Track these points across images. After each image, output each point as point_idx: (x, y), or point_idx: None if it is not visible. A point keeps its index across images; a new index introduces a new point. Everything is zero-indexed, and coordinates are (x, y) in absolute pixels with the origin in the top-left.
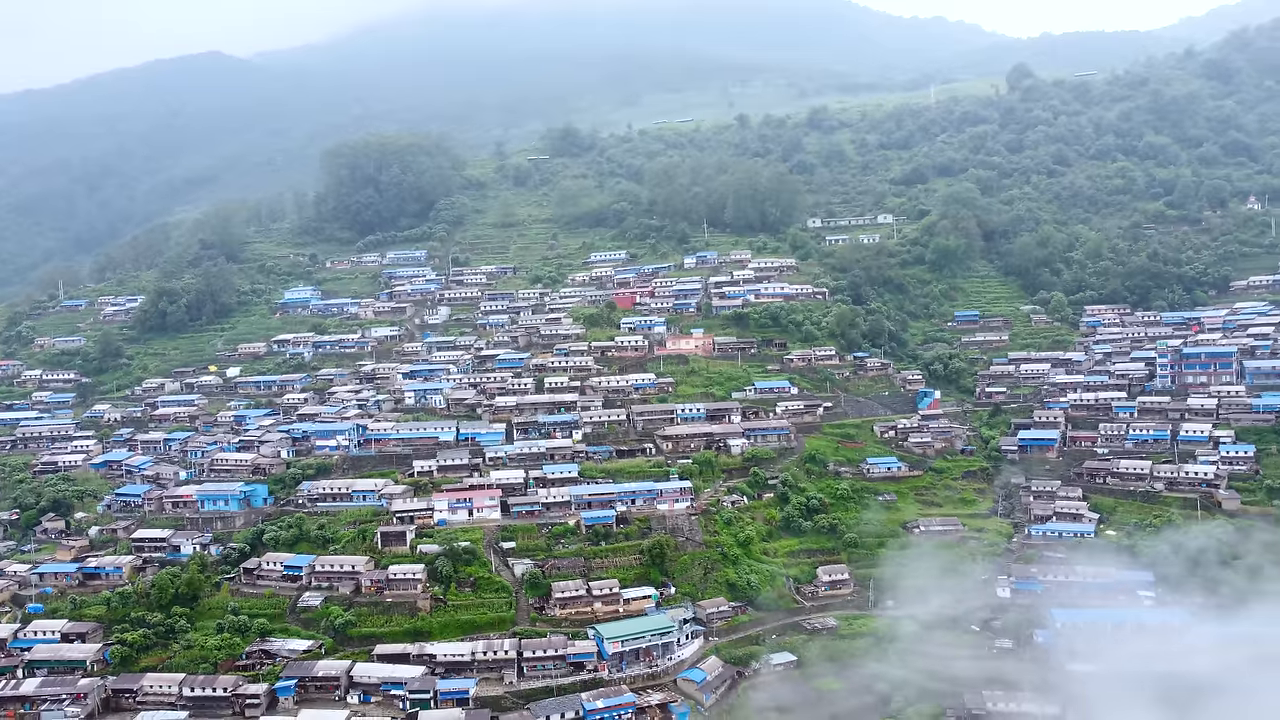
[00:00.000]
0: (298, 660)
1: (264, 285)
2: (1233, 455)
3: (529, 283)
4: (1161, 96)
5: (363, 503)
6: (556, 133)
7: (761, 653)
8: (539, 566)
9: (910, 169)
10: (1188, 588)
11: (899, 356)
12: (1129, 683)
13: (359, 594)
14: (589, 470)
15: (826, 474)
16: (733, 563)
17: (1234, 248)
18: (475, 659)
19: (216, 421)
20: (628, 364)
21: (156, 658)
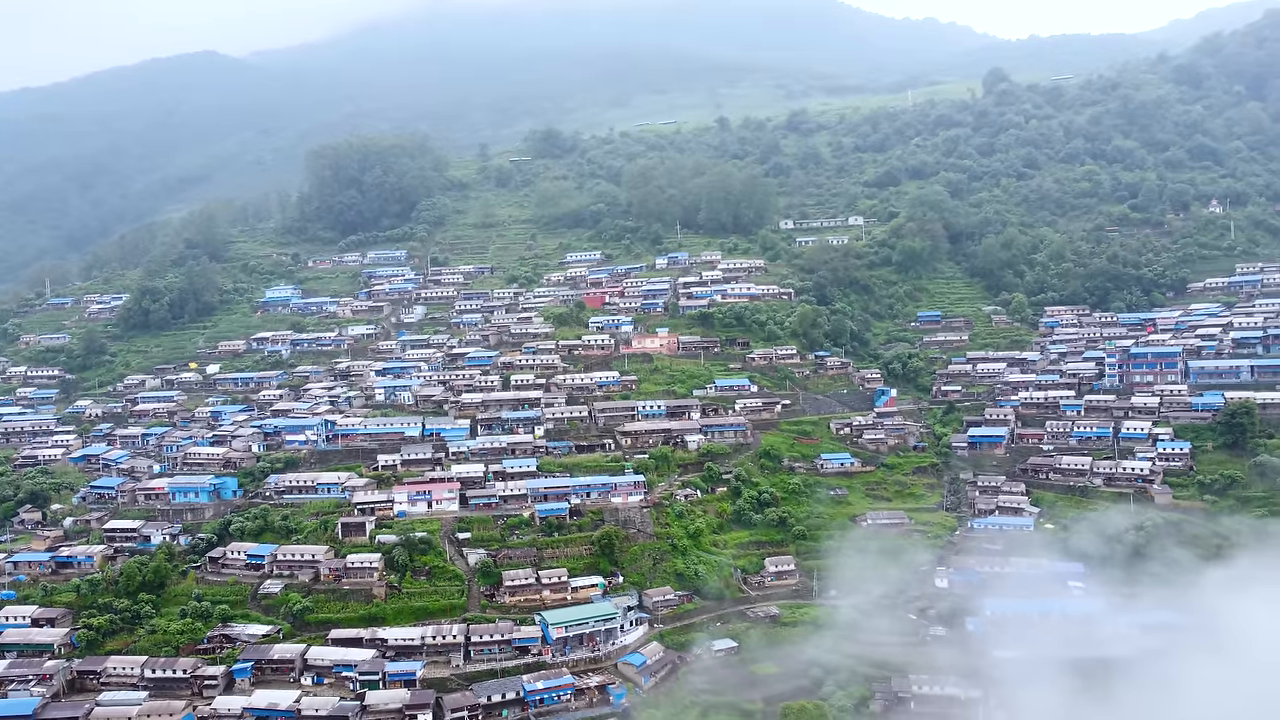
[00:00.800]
0: (256, 644)
1: (246, 284)
2: (1169, 452)
3: (505, 282)
4: (1131, 101)
5: (327, 495)
6: (539, 134)
7: (703, 639)
8: (492, 556)
9: (883, 171)
10: (1116, 578)
11: (860, 356)
12: (1047, 667)
13: (318, 582)
14: (547, 465)
15: (781, 469)
16: (681, 554)
17: (1193, 250)
18: (425, 643)
19: (194, 417)
20: (594, 362)
21: (122, 642)
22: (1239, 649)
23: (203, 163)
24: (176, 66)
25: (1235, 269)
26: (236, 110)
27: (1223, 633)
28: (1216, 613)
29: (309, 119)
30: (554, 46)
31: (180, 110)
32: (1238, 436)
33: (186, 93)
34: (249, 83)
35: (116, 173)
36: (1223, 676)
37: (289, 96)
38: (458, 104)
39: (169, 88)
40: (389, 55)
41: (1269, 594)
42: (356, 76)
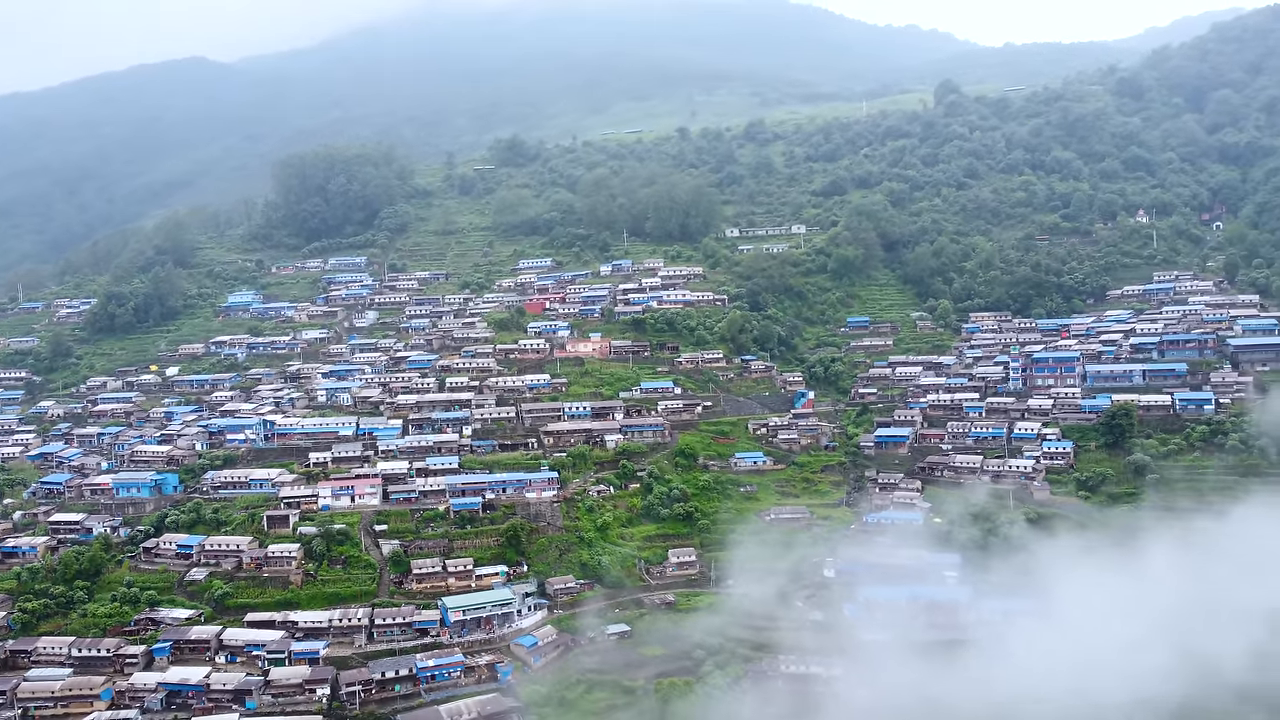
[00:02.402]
0: (177, 626)
1: (211, 289)
2: (1053, 451)
3: (459, 288)
4: (1070, 113)
5: (259, 490)
6: (503, 143)
7: (598, 623)
8: (404, 547)
9: (830, 181)
10: (987, 567)
11: (788, 360)
12: (907, 647)
13: (240, 570)
14: (470, 462)
15: (695, 467)
16: (588, 545)
17: (1116, 259)
18: (331, 625)
19: (149, 417)
20: (528, 366)
21: (55, 625)
22: (1070, 622)
23: (187, 168)
24: (165, 72)
25: (1153, 277)
26: (223, 116)
27: (1060, 609)
28: (1061, 593)
29: (294, 124)
30: (539, 53)
31: (167, 116)
32: (1118, 436)
33: (174, 98)
34: (236, 88)
35: (102, 178)
36: (1050, 646)
37: (276, 102)
38: (442, 110)
39: (157, 93)
40: (377, 61)
41: (1104, 575)
42: (344, 82)
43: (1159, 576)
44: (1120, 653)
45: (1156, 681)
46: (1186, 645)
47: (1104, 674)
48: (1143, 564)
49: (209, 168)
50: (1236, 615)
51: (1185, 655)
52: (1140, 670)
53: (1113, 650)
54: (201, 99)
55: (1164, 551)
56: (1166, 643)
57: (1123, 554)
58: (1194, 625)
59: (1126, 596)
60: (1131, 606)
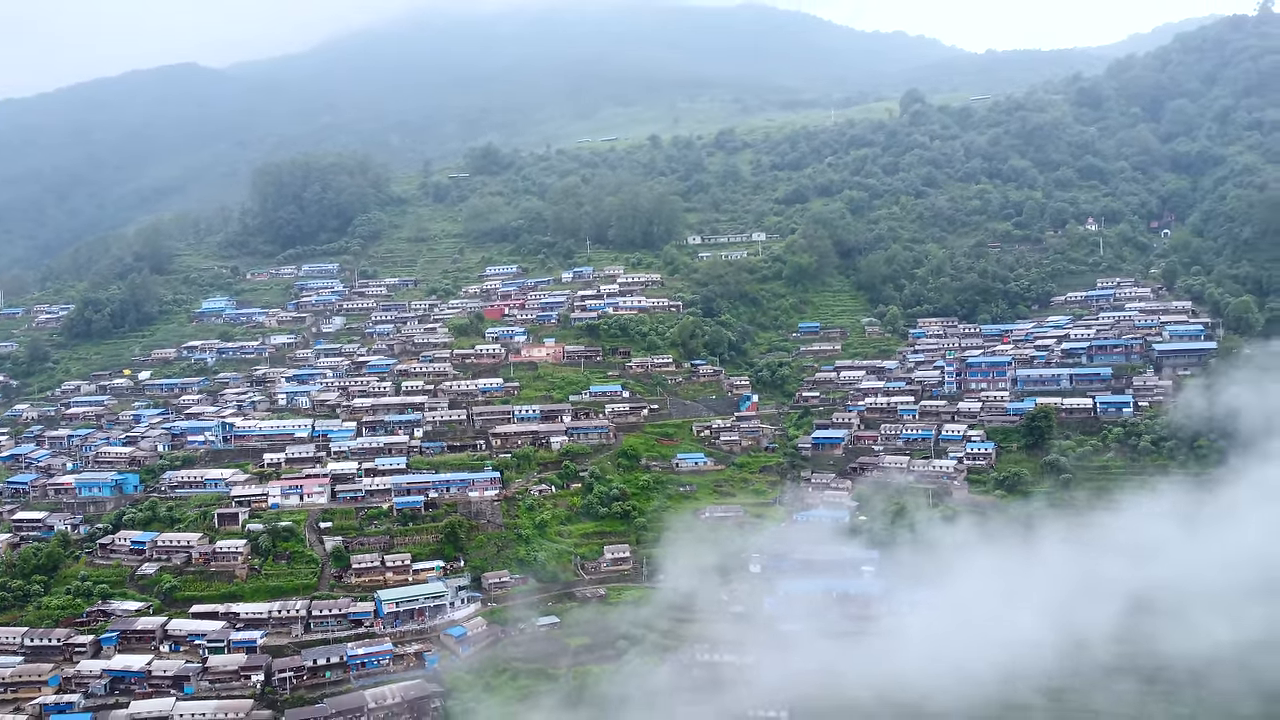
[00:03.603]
0: (125, 617)
1: (186, 295)
2: (976, 452)
3: (425, 294)
4: (1029, 122)
5: (213, 489)
6: (478, 151)
7: (529, 615)
8: (346, 543)
9: (793, 189)
10: (902, 562)
11: (738, 364)
12: (818, 635)
13: (189, 565)
14: (418, 463)
15: (637, 467)
16: (525, 542)
17: (1062, 265)
18: (271, 616)
19: (118, 420)
20: (483, 370)
21: (11, 616)
22: (965, 608)
23: (177, 174)
24: (158, 78)
25: (1096, 283)
26: (214, 121)
27: (959, 597)
28: (962, 583)
29: (285, 130)
30: (528, 58)
31: (158, 122)
32: (1038, 438)
33: (165, 104)
34: (228, 94)
35: (94, 184)
36: (943, 631)
37: (267, 107)
38: (431, 116)
39: (149, 99)
40: (369, 67)
41: (1001, 566)
42: (336, 88)
43: (1048, 565)
44: (1001, 632)
45: (1031, 656)
46: (1062, 624)
47: (985, 652)
48: (1036, 555)
49: (199, 174)
50: (1109, 597)
51: (1060, 633)
52: (1017, 647)
53: (996, 630)
54: (193, 105)
55: (1056, 543)
56: (1044, 622)
57: (1020, 546)
58: (1071, 606)
59: (1017, 584)
60: (1020, 592)
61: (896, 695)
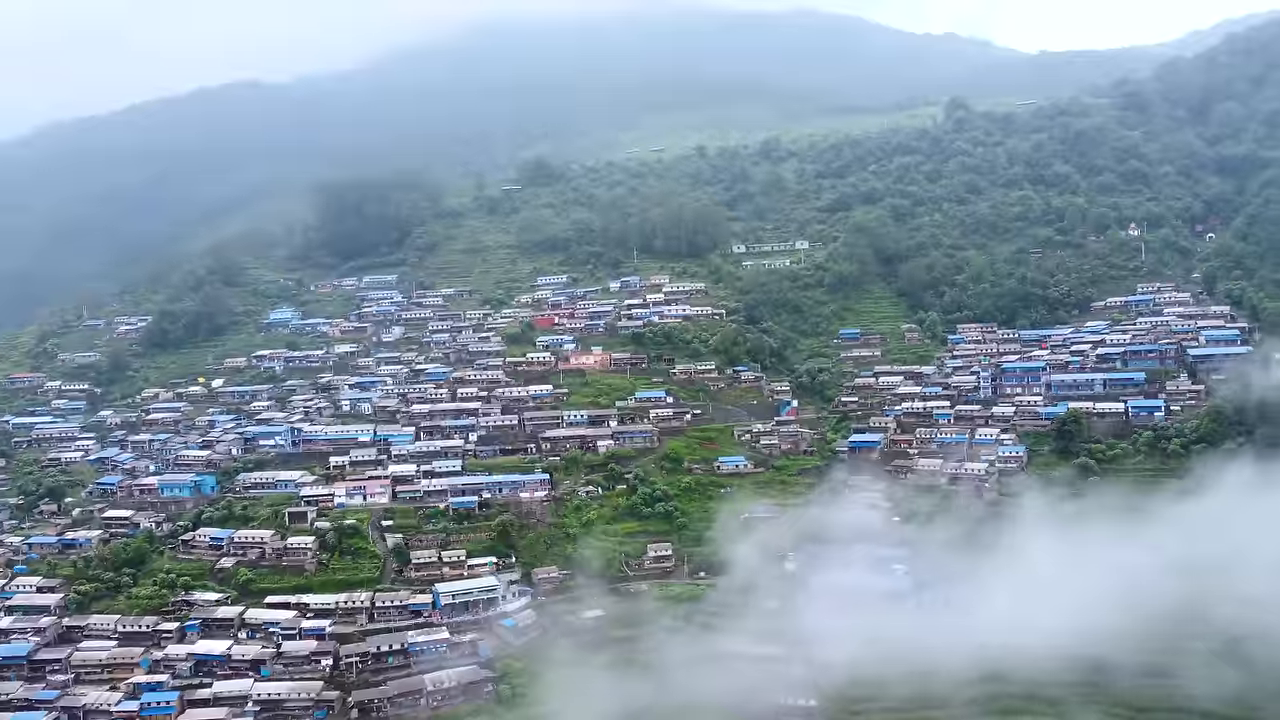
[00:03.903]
0: (206, 606)
1: (255, 307)
2: (1008, 455)
3: (480, 304)
4: (1071, 128)
5: (283, 490)
6: (530, 164)
7: (576, 609)
8: (406, 540)
9: (836, 197)
10: (932, 560)
11: (778, 370)
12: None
13: (263, 559)
14: (472, 466)
15: (680, 470)
16: (573, 540)
17: (1103, 271)
18: (338, 607)
19: (194, 425)
20: (533, 377)
21: (105, 605)
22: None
23: (239, 190)
24: (222, 95)
25: (1136, 289)
26: (275, 137)
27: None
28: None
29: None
30: (576, 69)
31: (221, 138)
32: (1068, 441)
33: (230, 120)
34: (288, 110)
35: (160, 200)
36: (962, 624)
37: (326, 123)
38: (481, 127)
39: (214, 115)
40: (422, 81)
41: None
42: (389, 101)
43: (1086, 557)
44: (1016, 625)
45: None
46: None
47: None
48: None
49: (260, 189)
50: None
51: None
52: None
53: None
54: (255, 121)
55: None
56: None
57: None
58: (1121, 592)
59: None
60: (1061, 581)
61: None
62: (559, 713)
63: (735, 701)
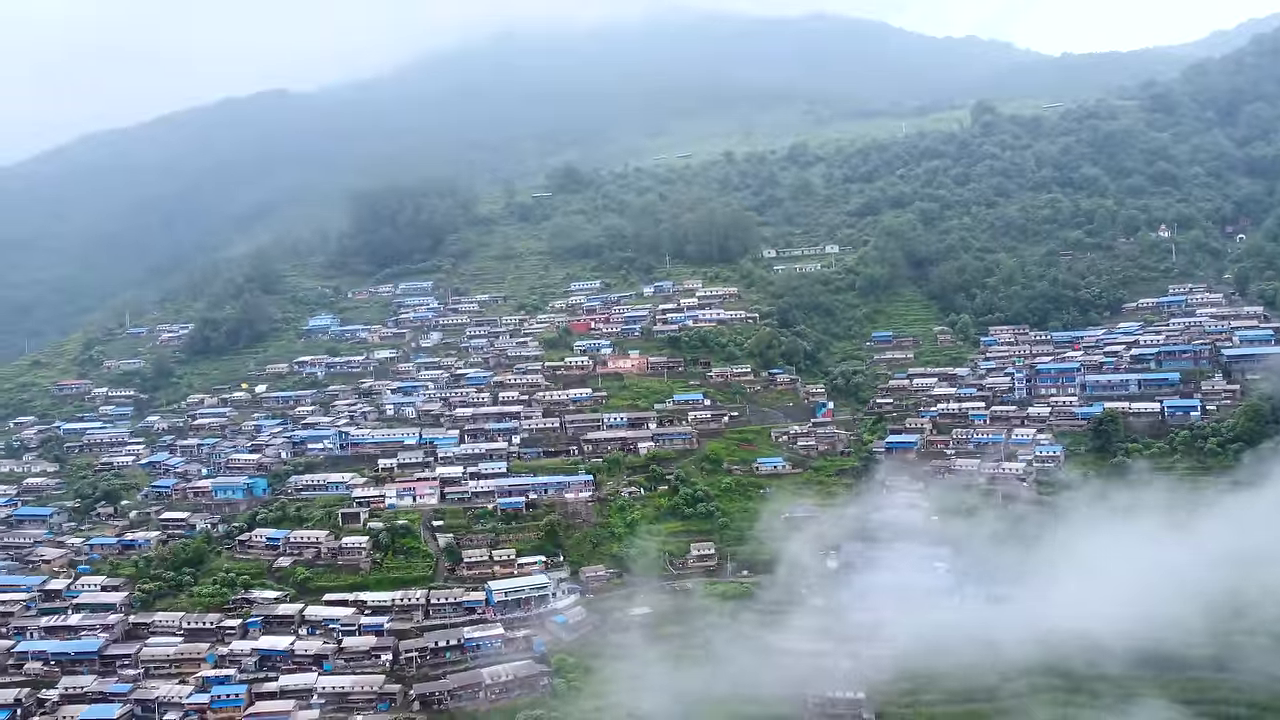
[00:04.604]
0: (267, 604)
1: (293, 314)
2: (1045, 455)
3: (514, 310)
4: (1100, 130)
5: (335, 491)
6: (560, 171)
7: (624, 606)
8: (457, 539)
9: (865, 202)
10: (971, 558)
11: (812, 373)
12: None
13: (319, 558)
14: (517, 467)
15: (720, 471)
16: (618, 539)
17: (1134, 272)
18: (394, 604)
19: (240, 430)
20: (572, 381)
21: (167, 603)
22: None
23: (269, 198)
24: (250, 105)
25: (1168, 290)
26: (303, 145)
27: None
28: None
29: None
30: (599, 75)
31: (250, 147)
32: (1105, 441)
33: (258, 129)
34: (315, 118)
35: (192, 209)
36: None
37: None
38: (508, 133)
39: (243, 125)
40: (447, 88)
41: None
42: (415, 109)
43: (1108, 557)
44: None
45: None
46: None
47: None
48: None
49: (290, 196)
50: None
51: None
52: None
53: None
54: (282, 130)
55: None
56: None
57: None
58: (1163, 582)
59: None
60: (1079, 583)
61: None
62: (615, 705)
63: (785, 694)
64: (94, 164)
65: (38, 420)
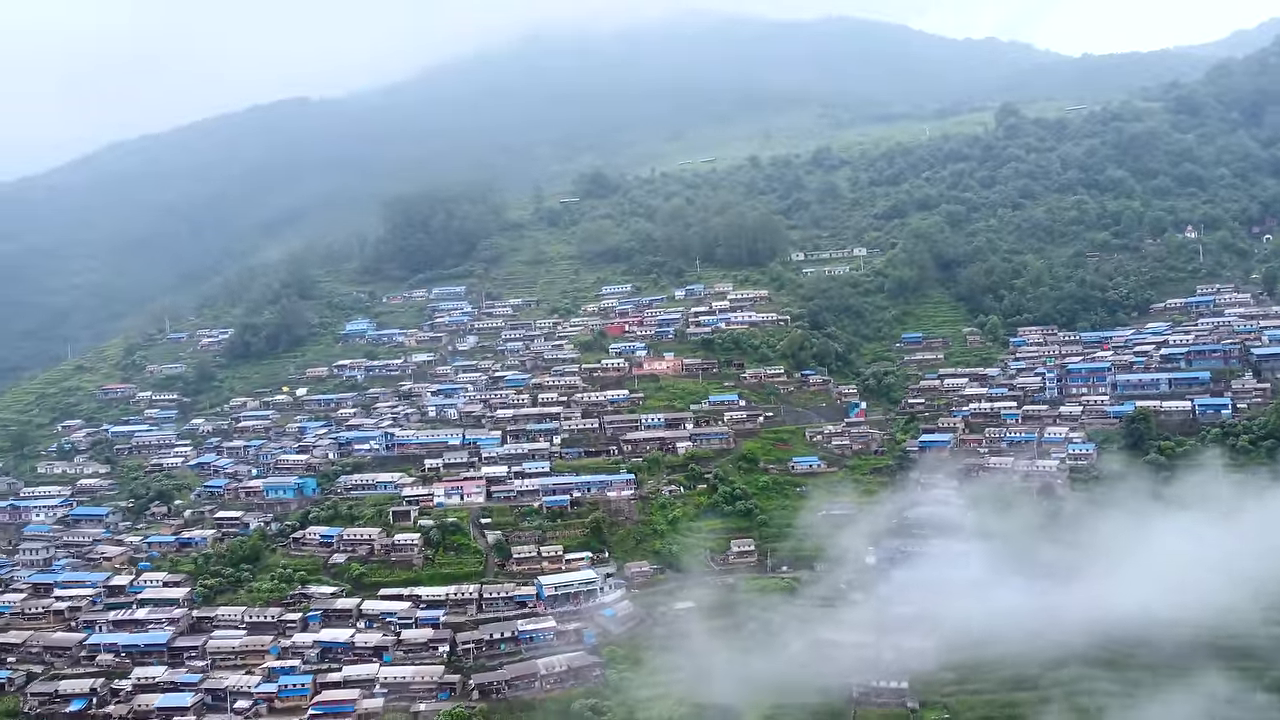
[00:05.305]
0: (325, 598)
1: (330, 319)
2: (1078, 453)
3: (547, 314)
4: (1124, 133)
5: (384, 490)
6: (587, 177)
7: (668, 600)
8: (505, 536)
9: (891, 205)
10: (1008, 554)
11: (844, 374)
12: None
13: (372, 555)
14: (560, 467)
15: (756, 470)
16: (660, 536)
17: (1161, 273)
18: (448, 598)
19: (285, 431)
20: (609, 382)
21: (228, 598)
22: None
23: (296, 204)
24: (277, 110)
25: (1195, 290)
26: (327, 152)
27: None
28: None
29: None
30: (618, 80)
31: (280, 153)
32: (1137, 439)
33: (285, 135)
34: (338, 125)
35: (221, 215)
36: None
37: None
38: (529, 138)
39: (270, 131)
40: (467, 93)
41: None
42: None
43: (1145, 550)
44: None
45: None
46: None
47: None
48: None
49: (318, 202)
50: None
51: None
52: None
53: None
54: (308, 136)
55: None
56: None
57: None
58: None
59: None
60: (1118, 575)
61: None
62: (667, 695)
63: (830, 683)
64: (123, 172)
65: (85, 423)
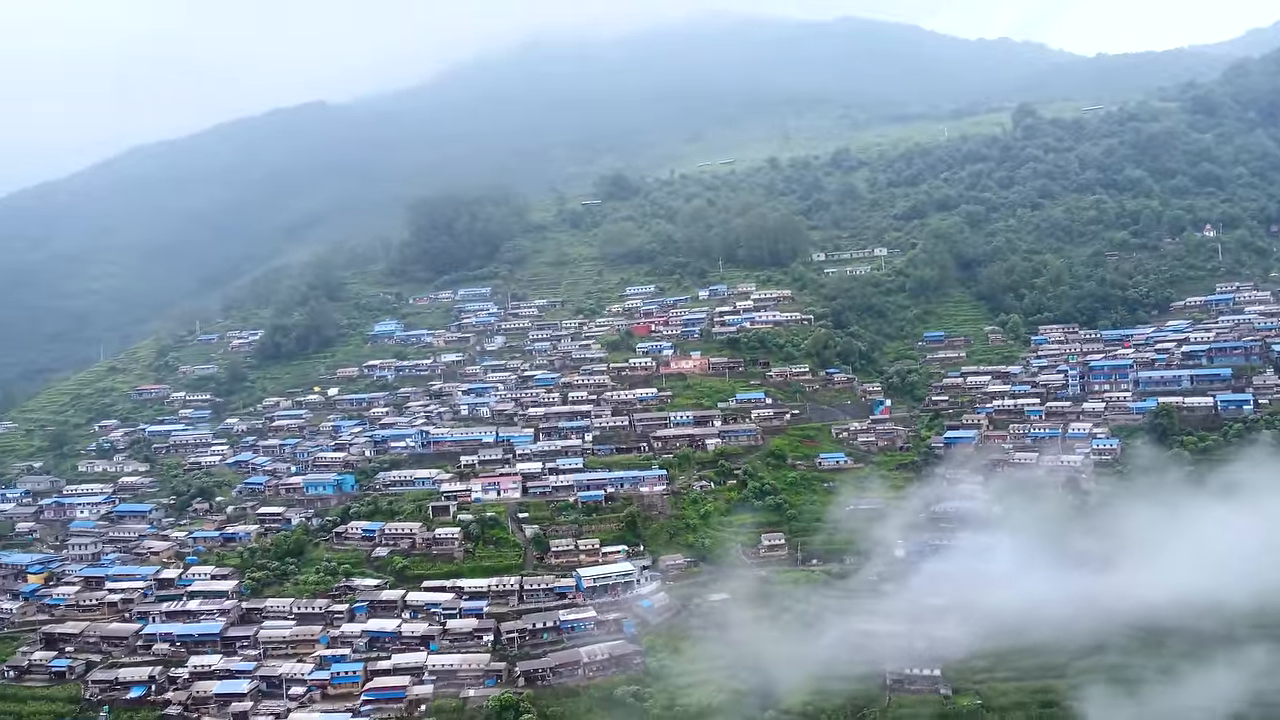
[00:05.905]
0: (370, 590)
1: (358, 320)
2: (1101, 449)
3: (573, 314)
4: (1143, 133)
5: (422, 486)
6: (608, 179)
7: (702, 592)
8: (543, 530)
9: (911, 205)
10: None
11: (868, 372)
12: (959, 610)
13: (414, 549)
14: (593, 463)
15: (784, 466)
16: (693, 530)
17: (1181, 272)
18: (490, 590)
19: (319, 430)
20: (637, 381)
21: (275, 591)
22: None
23: (316, 208)
24: (297, 115)
25: (1215, 289)
26: (348, 155)
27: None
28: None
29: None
30: (633, 82)
31: (301, 157)
32: (1160, 434)
33: (305, 139)
34: (354, 129)
35: (243, 219)
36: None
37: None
38: (544, 142)
39: (290, 135)
40: (483, 96)
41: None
42: (452, 118)
43: (1172, 540)
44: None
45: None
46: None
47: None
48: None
49: (339, 205)
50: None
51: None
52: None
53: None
54: (327, 140)
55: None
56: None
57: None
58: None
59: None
60: (1147, 566)
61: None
62: (706, 681)
63: (865, 670)
64: (143, 176)
65: (121, 423)
